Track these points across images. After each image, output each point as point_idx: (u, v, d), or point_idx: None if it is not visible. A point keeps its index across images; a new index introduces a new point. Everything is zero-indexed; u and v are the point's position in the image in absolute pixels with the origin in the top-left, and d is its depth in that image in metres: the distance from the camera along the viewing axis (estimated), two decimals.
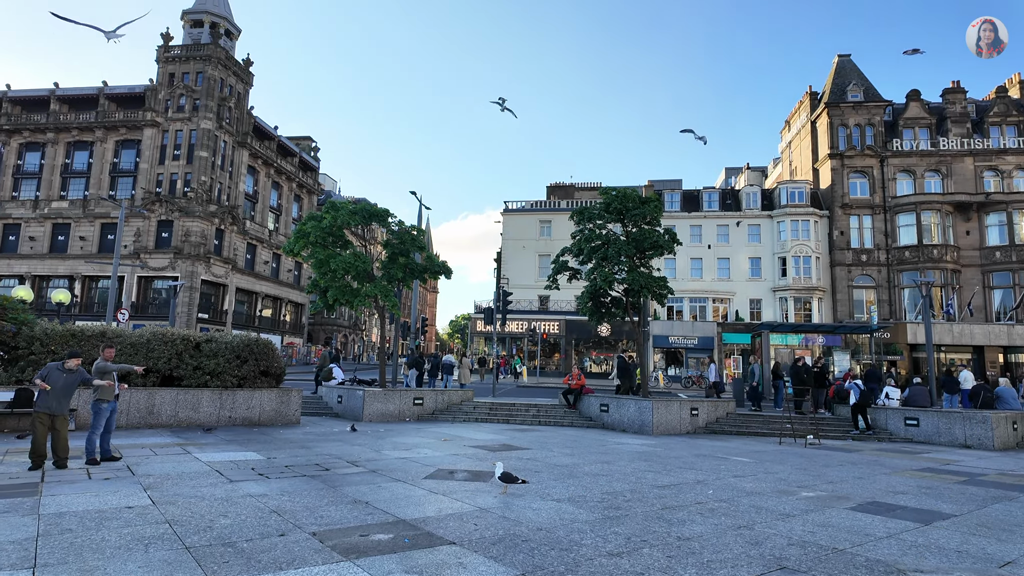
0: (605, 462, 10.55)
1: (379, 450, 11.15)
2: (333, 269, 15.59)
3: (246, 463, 9.22)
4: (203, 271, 46.83)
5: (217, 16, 52.14)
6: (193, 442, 11.28)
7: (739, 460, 11.49)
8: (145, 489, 7.11)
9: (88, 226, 48.43)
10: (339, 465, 9.33)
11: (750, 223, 43.44)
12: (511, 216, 48.63)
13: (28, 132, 50.52)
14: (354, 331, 75.76)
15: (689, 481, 8.97)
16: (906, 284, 39.96)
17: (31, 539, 5.04)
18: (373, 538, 5.44)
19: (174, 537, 5.22)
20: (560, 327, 44.36)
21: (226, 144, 50.01)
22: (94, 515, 5.87)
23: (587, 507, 6.98)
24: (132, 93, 50.98)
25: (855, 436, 16.26)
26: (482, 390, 24.31)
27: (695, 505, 7.31)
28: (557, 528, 5.99)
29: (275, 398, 15.25)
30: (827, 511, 7.24)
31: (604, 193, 17.50)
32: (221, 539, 5.22)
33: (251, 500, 6.75)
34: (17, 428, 12.10)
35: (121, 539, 5.13)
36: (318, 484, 7.84)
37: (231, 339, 14.94)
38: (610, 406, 16.90)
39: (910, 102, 42.75)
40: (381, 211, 16.94)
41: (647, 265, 17.21)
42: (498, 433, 14.75)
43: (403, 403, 17.68)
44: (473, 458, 10.52)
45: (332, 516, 6.17)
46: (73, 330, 13.34)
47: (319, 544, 5.19)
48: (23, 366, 12.68)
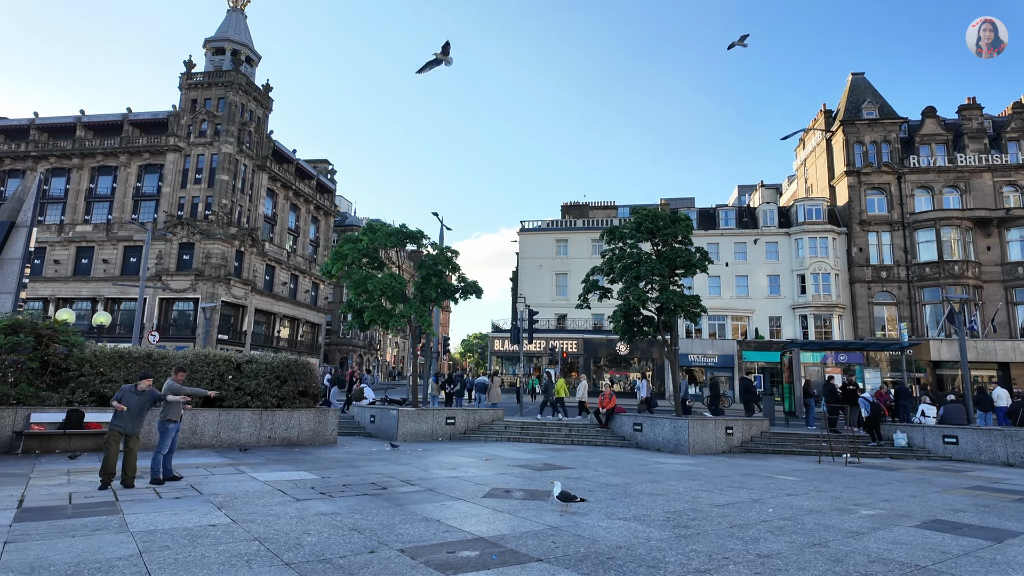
0: (654, 481, 10.56)
1: (426, 469, 11.23)
2: (370, 290, 15.80)
3: (303, 482, 9.34)
4: (223, 292, 47.36)
5: (238, 43, 53.49)
6: (242, 462, 11.41)
7: (785, 479, 11.46)
8: (219, 508, 7.24)
9: (111, 249, 49.25)
10: (394, 484, 9.42)
11: (767, 240, 43.47)
12: (527, 235, 48.96)
13: (55, 158, 51.72)
14: (368, 351, 75.99)
15: (745, 500, 8.98)
16: (927, 300, 39.72)
17: (135, 555, 5.18)
18: (460, 555, 5.53)
19: (270, 554, 5.34)
20: (578, 345, 44.36)
21: (246, 168, 50.92)
22: (183, 533, 6.00)
23: (655, 525, 7.03)
24: (155, 119, 52.17)
25: (893, 455, 16.12)
26: (509, 409, 24.29)
27: (760, 523, 7.34)
28: (636, 546, 6.05)
29: (313, 418, 15.39)
30: (893, 529, 7.24)
31: (634, 212, 17.69)
32: (316, 556, 5.34)
33: (325, 518, 6.86)
34: (68, 448, 12.29)
35: (219, 555, 5.25)
36: (382, 502, 7.93)
37: (271, 360, 15.14)
38: (644, 425, 16.89)
39: (926, 119, 42.91)
40: (416, 233, 17.22)
41: (677, 284, 17.31)
42: (535, 452, 14.78)
43: (436, 423, 17.76)
44: (521, 477, 10.58)
45: (411, 533, 6.27)
46: (121, 352, 13.60)
47: (412, 560, 5.29)
48: (73, 388, 12.93)
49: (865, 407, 16.06)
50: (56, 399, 12.66)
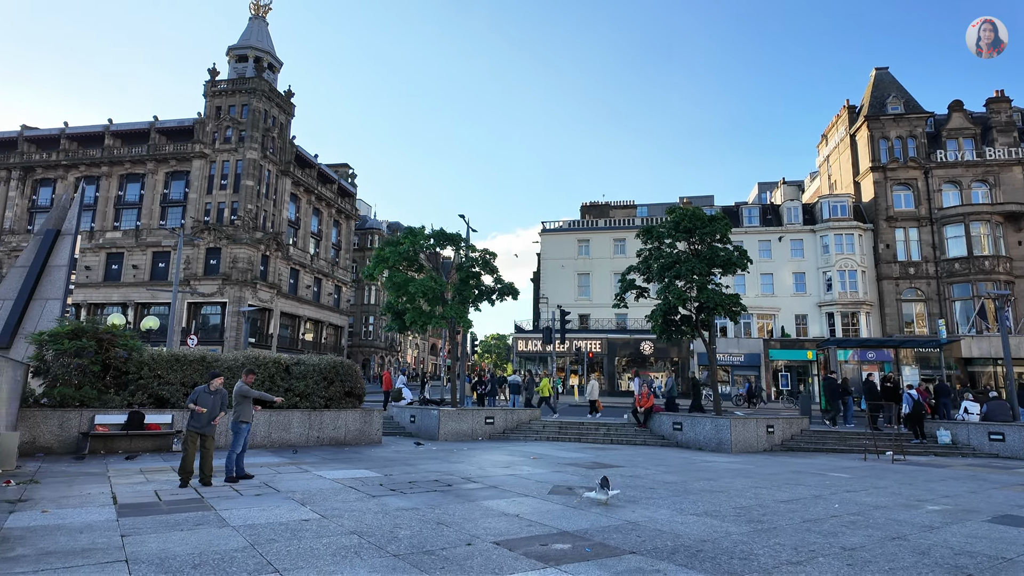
0: (709, 479, 10.66)
1: (482, 467, 11.43)
2: (412, 292, 16.05)
3: (369, 480, 9.58)
4: (250, 296, 48.05)
5: (260, 51, 54.27)
6: (301, 461, 11.70)
7: (838, 476, 11.49)
8: (302, 504, 7.49)
9: (140, 255, 50.21)
10: (457, 481, 9.63)
11: (792, 238, 43.19)
12: (549, 236, 49.10)
13: (84, 166, 52.84)
14: (389, 352, 76.56)
15: (807, 496, 9.05)
16: (957, 297, 39.21)
17: (248, 547, 5.42)
18: (554, 547, 5.71)
19: (372, 547, 5.56)
20: (601, 345, 44.39)
21: (270, 173, 51.64)
22: (280, 527, 6.25)
23: (728, 520, 7.15)
24: (181, 126, 53.11)
25: (938, 452, 16.03)
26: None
27: (831, 519, 7.43)
28: (719, 539, 6.18)
29: (359, 418, 15.67)
30: (966, 523, 7.29)
31: (670, 211, 17.77)
32: (417, 548, 5.54)
33: (408, 513, 7.08)
34: (129, 449, 12.67)
35: (326, 548, 5.48)
36: (453, 498, 8.14)
37: (318, 361, 15.45)
38: (684, 424, 16.96)
39: (952, 113, 42.37)
40: (454, 235, 17.46)
41: (714, 283, 17.37)
42: (579, 451, 14.92)
43: (475, 422, 17.98)
44: (576, 475, 10.73)
45: (497, 527, 6.45)
46: (177, 355, 13.97)
47: (511, 552, 5.48)
48: (133, 390, 13.32)
49: (908, 403, 15.99)
50: (117, 401, 13.05)
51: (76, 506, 7.08)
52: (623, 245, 47.11)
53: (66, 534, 5.76)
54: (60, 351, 12.57)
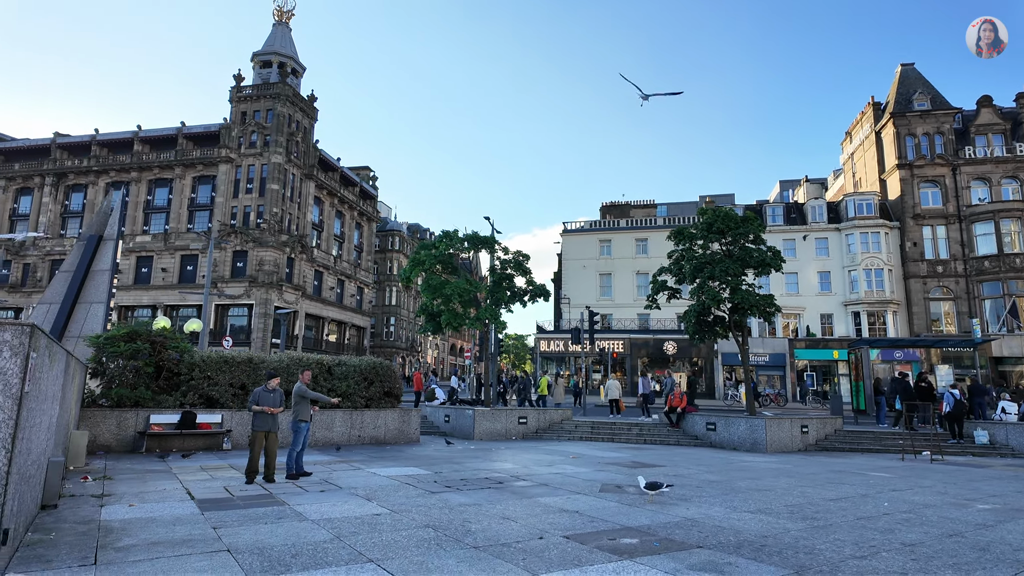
0: (752, 478, 10.81)
1: (526, 466, 11.69)
2: (448, 294, 16.37)
3: (421, 477, 9.88)
4: (276, 298, 48.85)
5: (284, 56, 55.11)
6: (349, 459, 12.06)
7: (879, 475, 11.57)
8: (368, 499, 7.80)
9: (169, 258, 51.27)
10: (506, 479, 9.89)
11: (817, 237, 42.88)
12: (570, 236, 49.26)
13: (114, 172, 54.10)
14: (410, 352, 77.19)
15: (854, 495, 9.17)
16: (987, 295, 38.66)
17: (335, 539, 5.73)
18: (623, 541, 5.94)
19: (450, 539, 5.84)
20: (624, 345, 44.44)
21: (294, 177, 52.44)
22: (357, 520, 6.56)
23: (783, 517, 7.33)
24: (208, 131, 54.14)
25: (975, 452, 15.96)
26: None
27: (884, 516, 7.56)
28: (779, 535, 6.37)
29: (398, 418, 16.03)
30: (1020, 522, 7.38)
31: (701, 213, 17.89)
32: (493, 541, 5.81)
33: (471, 508, 7.36)
34: (182, 447, 13.13)
35: (408, 540, 5.77)
36: (508, 495, 8.40)
37: (358, 362, 15.84)
38: (718, 425, 17.08)
39: (981, 108, 41.76)
40: (489, 239, 17.75)
41: (747, 283, 17.44)
42: (616, 451, 15.12)
43: (509, 422, 18.25)
44: (619, 474, 10.94)
45: (560, 522, 6.70)
46: (225, 356, 14.43)
47: (582, 545, 5.72)
48: (184, 391, 13.79)
49: (949, 402, 15.95)
50: (170, 402, 13.53)
51: (156, 501, 7.47)
52: (645, 245, 47.16)
53: (162, 526, 6.12)
54: (116, 353, 13.08)
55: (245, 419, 13.92)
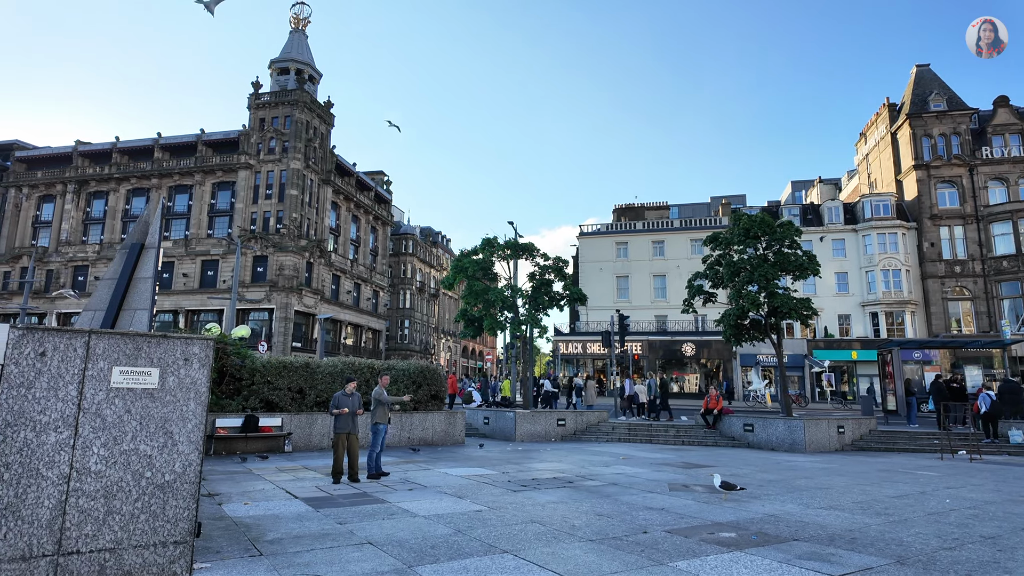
0: (805, 477, 11.21)
1: (583, 467, 12.12)
2: (491, 300, 16.84)
3: (491, 477, 10.33)
4: (295, 302, 49.45)
5: (301, 63, 55.80)
6: (414, 459, 12.52)
7: (926, 474, 11.94)
8: (459, 497, 8.25)
9: (190, 264, 51.93)
10: (575, 479, 10.33)
11: (834, 238, 43.15)
12: (587, 239, 49.67)
13: (135, 179, 54.87)
14: (424, 355, 77.70)
15: (912, 492, 9.57)
16: (1005, 295, 38.84)
17: (456, 533, 6.18)
18: (721, 535, 6.37)
19: (563, 532, 6.27)
20: (642, 347, 44.74)
21: (312, 182, 53.06)
22: (464, 516, 7.01)
23: (858, 513, 7.73)
24: (227, 138, 54.81)
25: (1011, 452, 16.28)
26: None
27: (952, 512, 7.96)
28: (863, 529, 6.79)
29: (444, 420, 16.49)
30: None
31: (736, 217, 18.29)
32: (602, 535, 6.25)
33: (561, 505, 7.80)
34: (246, 450, 13.62)
35: (524, 533, 6.22)
36: (586, 494, 8.83)
37: (406, 366, 16.32)
38: (755, 426, 17.47)
39: (998, 108, 41.97)
40: (529, 245, 18.21)
41: (781, 287, 17.83)
42: (661, 452, 15.54)
43: (548, 424, 18.69)
44: (678, 474, 11.36)
45: (653, 519, 7.13)
46: (284, 362, 14.94)
47: (687, 539, 6.16)
48: (246, 395, 14.29)
49: (985, 402, 16.29)
50: (233, 406, 14.03)
51: (265, 499, 7.94)
52: (661, 247, 47.56)
53: (290, 522, 6.59)
54: None
55: (303, 422, 14.44)
